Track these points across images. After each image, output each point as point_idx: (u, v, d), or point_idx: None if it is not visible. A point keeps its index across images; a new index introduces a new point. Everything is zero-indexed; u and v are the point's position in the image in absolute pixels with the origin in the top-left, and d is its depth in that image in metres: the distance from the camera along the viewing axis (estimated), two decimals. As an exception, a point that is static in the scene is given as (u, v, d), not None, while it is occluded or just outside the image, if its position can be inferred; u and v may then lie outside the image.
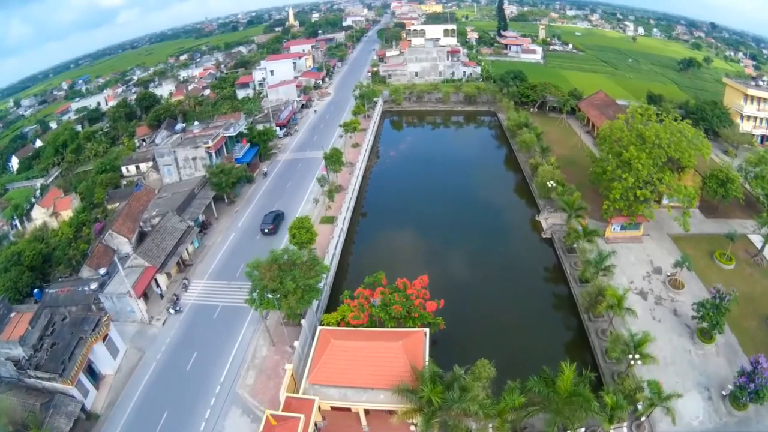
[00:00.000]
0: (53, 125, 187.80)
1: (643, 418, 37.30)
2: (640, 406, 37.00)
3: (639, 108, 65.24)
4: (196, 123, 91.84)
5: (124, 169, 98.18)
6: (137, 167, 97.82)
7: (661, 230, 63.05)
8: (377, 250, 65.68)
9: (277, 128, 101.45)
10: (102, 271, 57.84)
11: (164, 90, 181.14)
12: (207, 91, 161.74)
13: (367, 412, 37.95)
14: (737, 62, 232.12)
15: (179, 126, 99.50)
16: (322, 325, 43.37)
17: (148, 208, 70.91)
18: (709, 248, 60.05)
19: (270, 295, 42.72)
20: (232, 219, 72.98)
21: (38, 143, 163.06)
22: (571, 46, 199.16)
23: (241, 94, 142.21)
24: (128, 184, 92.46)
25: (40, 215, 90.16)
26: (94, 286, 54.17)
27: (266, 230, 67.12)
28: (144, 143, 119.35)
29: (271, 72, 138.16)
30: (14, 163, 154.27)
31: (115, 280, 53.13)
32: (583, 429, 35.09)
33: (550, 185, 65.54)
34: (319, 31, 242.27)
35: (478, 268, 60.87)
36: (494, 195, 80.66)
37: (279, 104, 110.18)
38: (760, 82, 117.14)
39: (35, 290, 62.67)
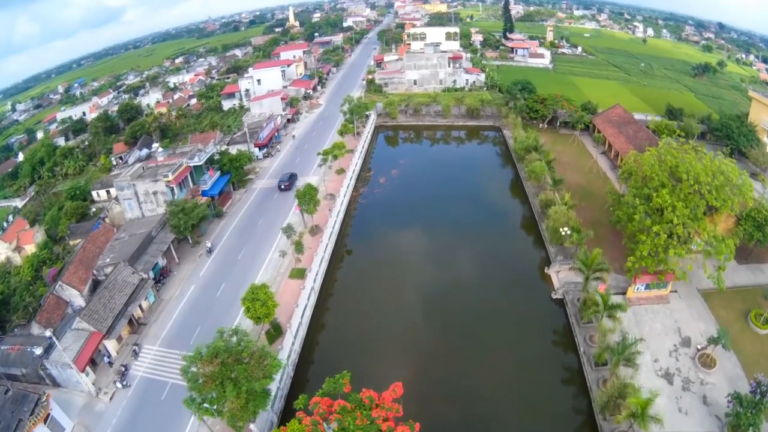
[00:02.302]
0: (40, 135, 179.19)
1: None
2: None
3: (672, 141, 55.34)
4: (160, 150, 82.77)
5: (94, 193, 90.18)
6: (108, 192, 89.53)
7: (690, 283, 53.14)
8: (354, 314, 56.54)
9: (256, 149, 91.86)
10: (48, 332, 49.80)
11: (151, 98, 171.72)
12: (193, 101, 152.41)
13: None
14: (749, 65, 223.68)
15: (144, 152, 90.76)
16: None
17: (104, 252, 62.76)
18: (743, 306, 51.32)
19: (207, 405, 34.49)
20: (195, 266, 63.76)
21: (21, 157, 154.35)
22: (580, 49, 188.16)
23: (227, 105, 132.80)
24: (97, 212, 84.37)
25: (3, 250, 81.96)
26: (39, 351, 47.18)
27: (282, 187, 79.26)
28: (121, 161, 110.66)
29: (258, 81, 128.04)
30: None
31: (60, 346, 46.46)
32: None
33: (563, 233, 55.07)
34: (316, 34, 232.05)
35: (471, 342, 50.89)
36: (496, 234, 70.37)
37: (261, 120, 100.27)
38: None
39: (-12, 344, 55.08)
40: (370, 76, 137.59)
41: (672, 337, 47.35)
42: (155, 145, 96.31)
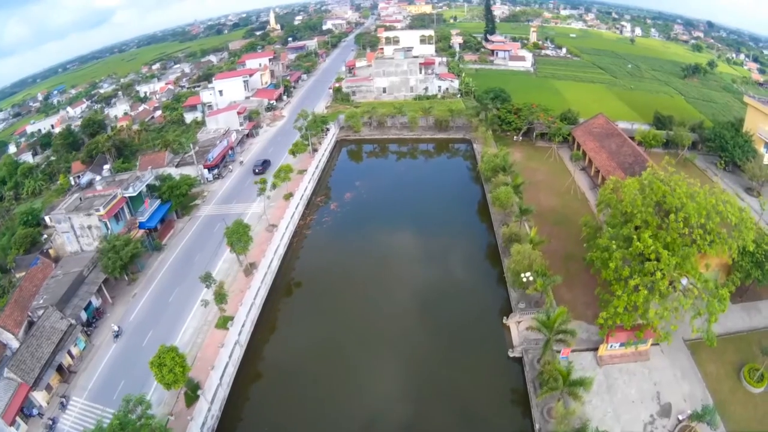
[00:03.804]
0: (12, 148, 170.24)
1: None
2: None
3: (659, 172, 48.21)
4: (98, 178, 75.82)
5: (47, 218, 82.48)
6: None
7: (675, 333, 45.58)
8: (289, 365, 49.34)
9: (206, 170, 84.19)
10: (-18, 381, 47.55)
11: (119, 110, 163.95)
12: (158, 113, 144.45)
13: None
14: (740, 64, 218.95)
15: (85, 179, 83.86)
16: None
17: (40, 292, 57.57)
18: (736, 359, 44.36)
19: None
20: (127, 308, 57.14)
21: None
22: (564, 50, 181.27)
23: (189, 117, 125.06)
24: (47, 239, 77.06)
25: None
26: (-28, 400, 43.92)
27: (257, 170, 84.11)
28: (79, 181, 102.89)
29: (220, 92, 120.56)
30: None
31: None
32: None
33: (525, 279, 46.97)
34: (289, 39, 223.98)
35: (414, 402, 44.17)
36: (454, 270, 61.37)
37: (215, 137, 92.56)
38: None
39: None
40: (337, 84, 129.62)
41: (649, 406, 40.11)
42: (106, 167, 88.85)
